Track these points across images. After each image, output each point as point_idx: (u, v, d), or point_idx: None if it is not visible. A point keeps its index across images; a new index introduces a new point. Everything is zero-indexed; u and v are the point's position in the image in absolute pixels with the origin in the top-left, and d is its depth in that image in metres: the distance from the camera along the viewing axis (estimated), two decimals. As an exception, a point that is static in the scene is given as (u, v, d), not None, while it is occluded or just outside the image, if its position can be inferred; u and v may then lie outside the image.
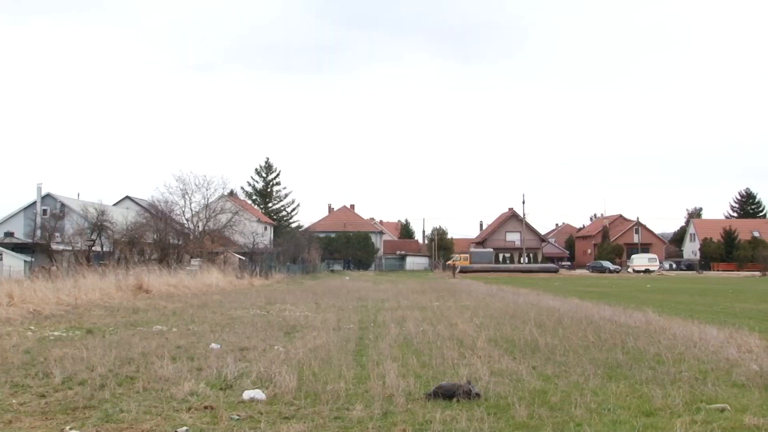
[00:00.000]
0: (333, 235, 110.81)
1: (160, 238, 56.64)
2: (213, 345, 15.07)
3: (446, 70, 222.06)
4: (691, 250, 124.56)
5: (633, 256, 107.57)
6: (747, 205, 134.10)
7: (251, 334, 17.27)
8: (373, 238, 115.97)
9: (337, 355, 13.62)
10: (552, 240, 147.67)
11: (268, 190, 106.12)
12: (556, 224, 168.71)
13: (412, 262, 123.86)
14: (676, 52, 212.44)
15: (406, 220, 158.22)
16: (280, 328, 19.05)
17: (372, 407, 9.12)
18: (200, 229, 63.61)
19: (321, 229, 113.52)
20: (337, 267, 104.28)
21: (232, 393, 10.09)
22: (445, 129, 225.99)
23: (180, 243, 59.56)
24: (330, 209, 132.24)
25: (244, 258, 64.41)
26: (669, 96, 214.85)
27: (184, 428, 8.18)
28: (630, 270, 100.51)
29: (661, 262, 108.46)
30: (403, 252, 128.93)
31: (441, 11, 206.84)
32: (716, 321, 20.24)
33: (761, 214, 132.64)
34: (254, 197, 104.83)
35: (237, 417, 8.71)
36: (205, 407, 9.15)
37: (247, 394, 9.77)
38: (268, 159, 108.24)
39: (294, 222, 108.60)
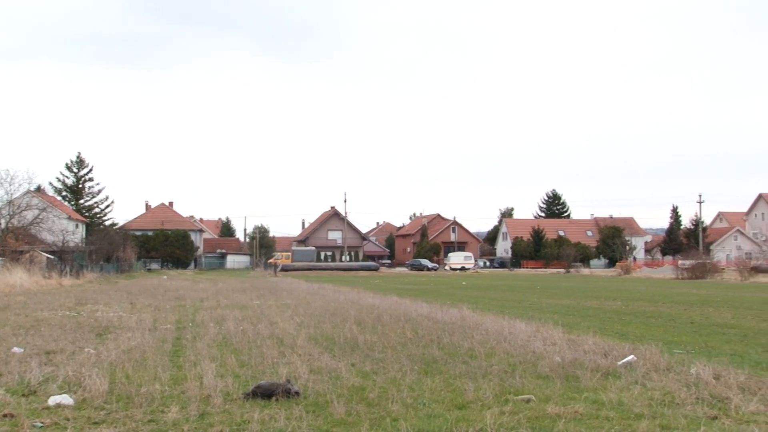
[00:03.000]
0: (150, 233, 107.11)
1: (-44, 235, 52.52)
2: (15, 349, 14.16)
3: (268, 68, 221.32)
4: (503, 248, 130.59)
5: (450, 254, 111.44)
6: (553, 205, 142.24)
7: (59, 337, 16.38)
8: (193, 237, 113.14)
9: (153, 356, 13.18)
10: (373, 238, 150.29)
11: (80, 186, 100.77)
12: (377, 223, 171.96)
13: (233, 260, 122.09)
14: (485, 57, 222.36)
15: (227, 218, 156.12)
16: (91, 329, 18.21)
17: (188, 409, 8.89)
18: (2, 226, 59.59)
19: (137, 227, 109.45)
20: (155, 266, 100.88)
21: (36, 399, 9.53)
22: (265, 126, 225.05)
23: (-20, 241, 55.50)
24: (147, 207, 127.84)
25: (52, 257, 60.91)
26: (482, 99, 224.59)
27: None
28: (447, 268, 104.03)
29: (476, 260, 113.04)
30: (223, 250, 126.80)
31: (263, 9, 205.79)
32: (525, 316, 21.32)
33: (566, 214, 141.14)
34: (64, 193, 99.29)
35: (41, 424, 8.22)
36: (5, 415, 8.56)
37: (53, 400, 9.25)
38: (79, 154, 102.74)
39: (108, 220, 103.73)
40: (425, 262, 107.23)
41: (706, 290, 42.80)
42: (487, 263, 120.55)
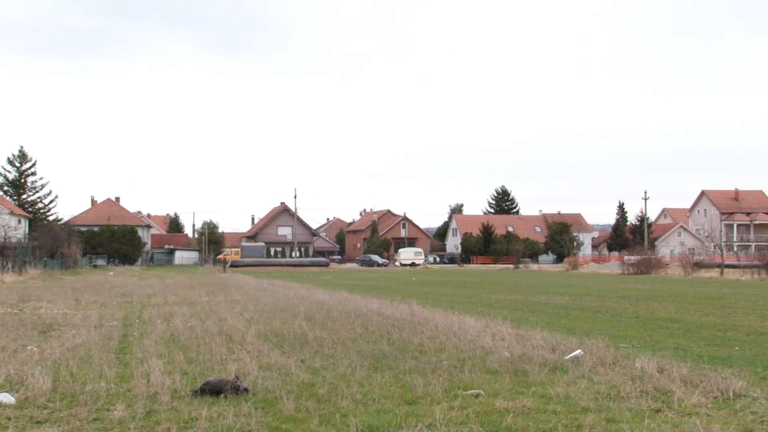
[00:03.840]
0: (96, 229, 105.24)
1: None
2: (-44, 347, 13.79)
3: (213, 63, 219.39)
4: (453, 244, 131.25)
5: (400, 250, 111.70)
6: (503, 201, 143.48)
7: (0, 335, 15.99)
8: (140, 232, 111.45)
9: (98, 353, 12.96)
10: (323, 234, 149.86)
11: (22, 180, 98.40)
12: (327, 219, 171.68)
13: (182, 256, 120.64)
14: (434, 54, 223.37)
15: (175, 214, 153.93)
16: (34, 326, 17.82)
17: (135, 406, 8.77)
18: (-57, 221, 58.01)
19: (83, 223, 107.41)
20: (101, 262, 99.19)
21: (-23, 399, 9.27)
22: (214, 121, 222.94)
23: None
24: (93, 202, 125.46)
25: (-6, 253, 59.48)
26: (431, 95, 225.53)
27: None
28: (397, 263, 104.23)
29: (426, 256, 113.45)
30: (171, 246, 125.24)
31: (208, 2, 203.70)
32: (474, 311, 21.45)
33: (515, 210, 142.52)
34: (6, 188, 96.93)
35: (-19, 424, 8.01)
36: (-56, 416, 8.34)
37: (-6, 399, 9.03)
38: (22, 148, 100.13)
39: (52, 215, 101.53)
40: (375, 257, 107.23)
41: (651, 285, 43.62)
42: (437, 259, 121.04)
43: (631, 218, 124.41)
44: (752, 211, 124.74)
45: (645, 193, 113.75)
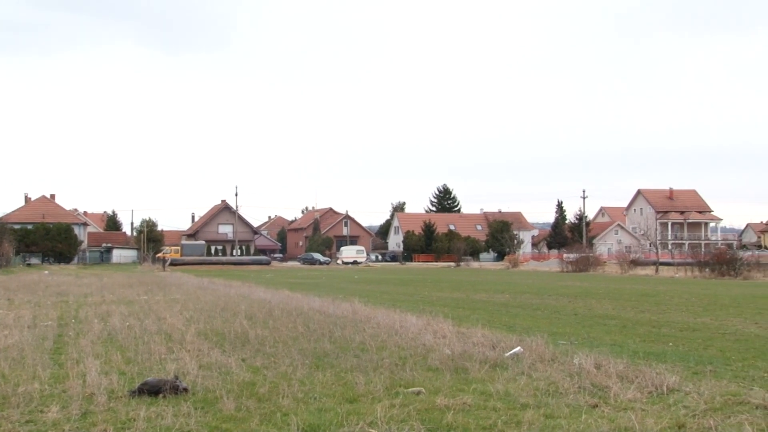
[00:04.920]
0: (30, 227, 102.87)
1: None
2: None
3: (152, 59, 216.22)
4: (395, 242, 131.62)
5: (342, 248, 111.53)
6: (444, 200, 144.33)
7: (-71, 335, 15.49)
8: (76, 230, 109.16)
9: (32, 354, 12.64)
10: (265, 232, 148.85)
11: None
12: (269, 217, 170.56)
13: (120, 254, 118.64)
14: (376, 52, 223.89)
15: (113, 212, 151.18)
16: (-35, 327, 17.29)
17: (70, 408, 8.59)
18: None
19: (16, 220, 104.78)
20: (35, 261, 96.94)
21: None
22: (153, 117, 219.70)
23: None
24: (27, 199, 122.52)
25: (-77, 251, 57.69)
26: (373, 93, 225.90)
27: None
28: (339, 262, 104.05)
29: (368, 254, 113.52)
30: (109, 245, 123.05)
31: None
32: (416, 309, 21.54)
33: (456, 208, 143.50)
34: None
35: None
36: None
37: None
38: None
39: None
40: (317, 256, 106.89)
41: (589, 283, 44.40)
42: (379, 257, 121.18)
43: (570, 217, 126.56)
44: (686, 209, 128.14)
45: (583, 192, 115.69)
